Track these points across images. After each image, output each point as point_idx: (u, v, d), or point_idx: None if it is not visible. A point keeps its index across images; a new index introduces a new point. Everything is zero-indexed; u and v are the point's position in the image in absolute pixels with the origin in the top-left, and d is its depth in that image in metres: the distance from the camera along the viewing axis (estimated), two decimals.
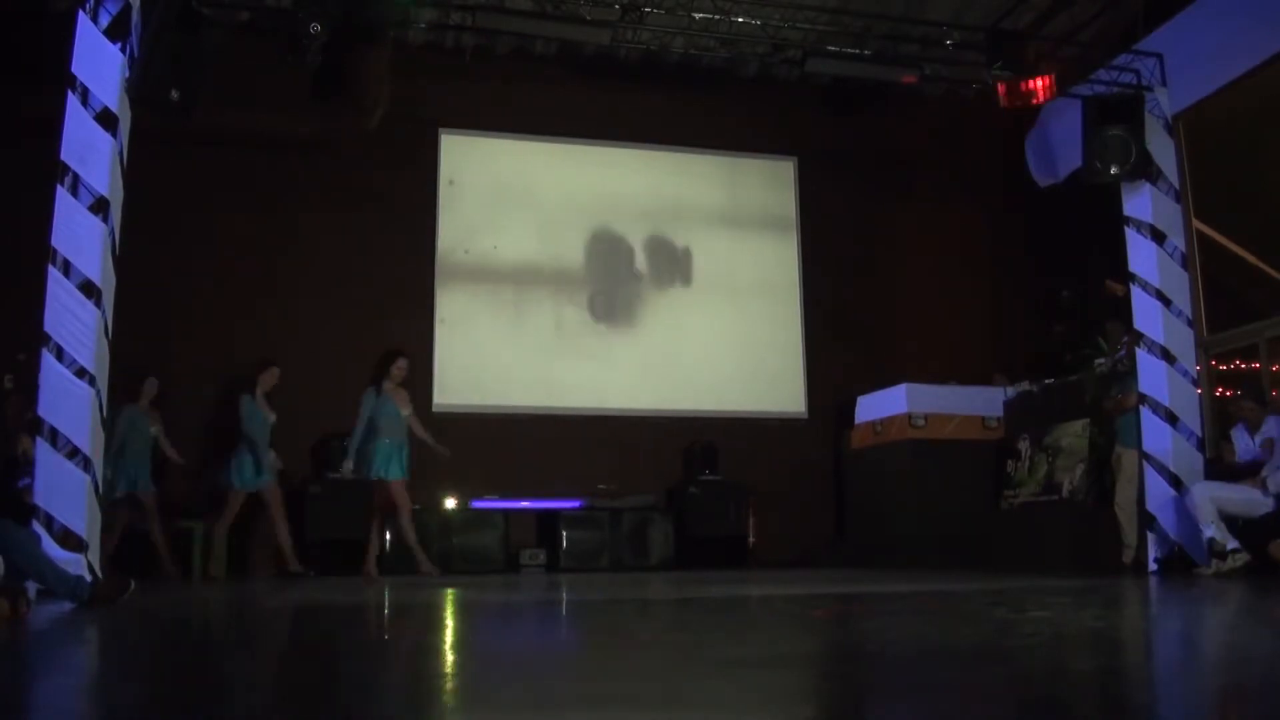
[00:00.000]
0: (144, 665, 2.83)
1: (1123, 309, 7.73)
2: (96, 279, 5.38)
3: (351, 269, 9.73)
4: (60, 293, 5.34)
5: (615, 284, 10.43)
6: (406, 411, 8.03)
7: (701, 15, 7.09)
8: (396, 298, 9.86)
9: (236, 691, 2.22)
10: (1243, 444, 6.72)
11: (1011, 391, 9.22)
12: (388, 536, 8.21)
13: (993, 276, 11.13)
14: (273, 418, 8.19)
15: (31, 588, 4.45)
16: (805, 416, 10.72)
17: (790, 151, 11.13)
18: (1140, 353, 7.32)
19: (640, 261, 10.60)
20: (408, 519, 7.89)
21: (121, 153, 5.64)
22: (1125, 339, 7.76)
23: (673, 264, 10.68)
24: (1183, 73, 7.69)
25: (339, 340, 9.52)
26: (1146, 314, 7.37)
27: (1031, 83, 7.23)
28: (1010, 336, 10.69)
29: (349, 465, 7.88)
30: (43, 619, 4.09)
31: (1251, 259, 8.50)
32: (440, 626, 3.92)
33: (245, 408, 8.12)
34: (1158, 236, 7.38)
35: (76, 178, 5.42)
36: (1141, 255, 7.46)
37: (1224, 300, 8.66)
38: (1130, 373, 7.50)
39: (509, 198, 10.38)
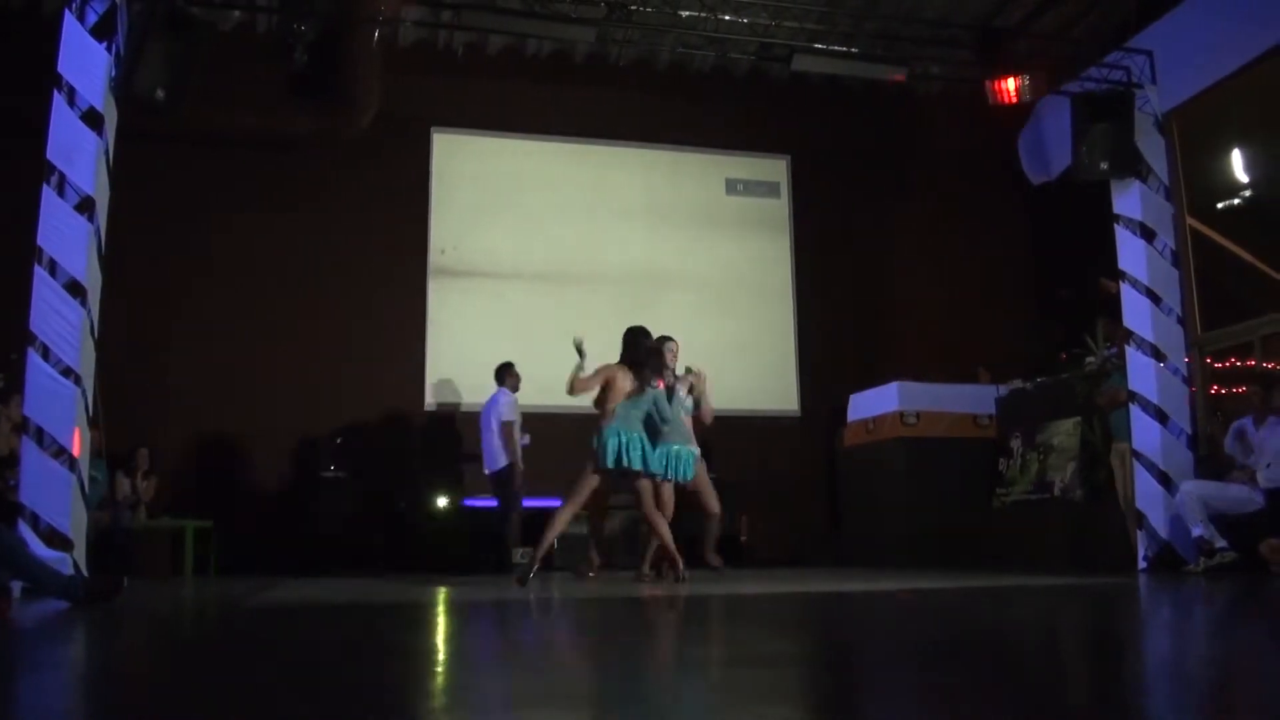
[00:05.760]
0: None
1: (1116, 307, 7.71)
2: (82, 279, 5.41)
3: (343, 268, 9.73)
4: (46, 292, 5.37)
5: (608, 282, 10.43)
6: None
7: (688, 14, 7.07)
8: (389, 296, 9.87)
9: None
10: (1251, 436, 6.60)
11: (1004, 389, 9.20)
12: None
13: (988, 274, 11.09)
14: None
15: (16, 587, 4.45)
16: (798, 415, 10.72)
17: (783, 150, 11.13)
18: (1130, 350, 7.30)
19: (633, 260, 10.59)
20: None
21: (108, 152, 5.66)
22: (1116, 337, 7.74)
23: (665, 262, 10.68)
24: (1173, 70, 7.69)
25: (331, 339, 9.53)
26: (1136, 311, 7.35)
27: (1016, 81, 7.19)
28: (1005, 335, 10.67)
29: None
30: (42, 618, 4.08)
31: (1247, 256, 8.48)
32: (429, 625, 3.92)
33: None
34: (1147, 234, 7.36)
35: (62, 177, 5.44)
36: (1131, 253, 7.44)
37: (1220, 297, 8.64)
38: (1120, 370, 7.48)
39: (502, 196, 10.38)
